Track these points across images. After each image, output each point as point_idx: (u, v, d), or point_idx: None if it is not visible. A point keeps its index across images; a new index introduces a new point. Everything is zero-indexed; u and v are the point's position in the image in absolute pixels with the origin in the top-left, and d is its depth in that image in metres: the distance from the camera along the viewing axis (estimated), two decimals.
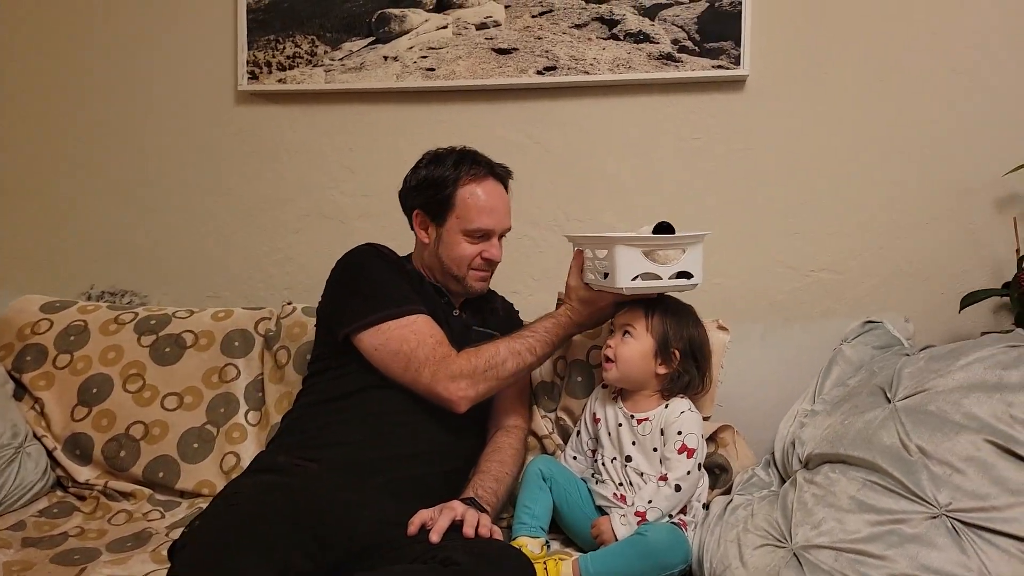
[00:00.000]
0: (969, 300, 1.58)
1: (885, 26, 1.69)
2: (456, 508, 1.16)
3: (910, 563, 0.99)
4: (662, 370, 1.31)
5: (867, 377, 1.30)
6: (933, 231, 1.70)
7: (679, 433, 1.27)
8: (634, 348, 1.32)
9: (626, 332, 1.34)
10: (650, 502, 1.23)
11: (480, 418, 1.45)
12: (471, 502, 1.21)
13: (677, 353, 1.31)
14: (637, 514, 1.22)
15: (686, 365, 1.32)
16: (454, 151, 1.43)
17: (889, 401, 1.18)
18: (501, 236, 1.45)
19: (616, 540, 1.21)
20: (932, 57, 1.68)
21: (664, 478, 1.25)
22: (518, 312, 1.64)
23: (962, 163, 1.68)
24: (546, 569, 1.15)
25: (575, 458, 1.42)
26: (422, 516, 1.15)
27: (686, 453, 1.25)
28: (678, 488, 1.23)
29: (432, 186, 1.40)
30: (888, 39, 1.69)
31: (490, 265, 1.45)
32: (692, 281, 1.30)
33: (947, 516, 1.01)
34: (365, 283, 1.39)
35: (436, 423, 1.32)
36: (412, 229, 1.48)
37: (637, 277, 1.26)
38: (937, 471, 1.05)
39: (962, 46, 1.67)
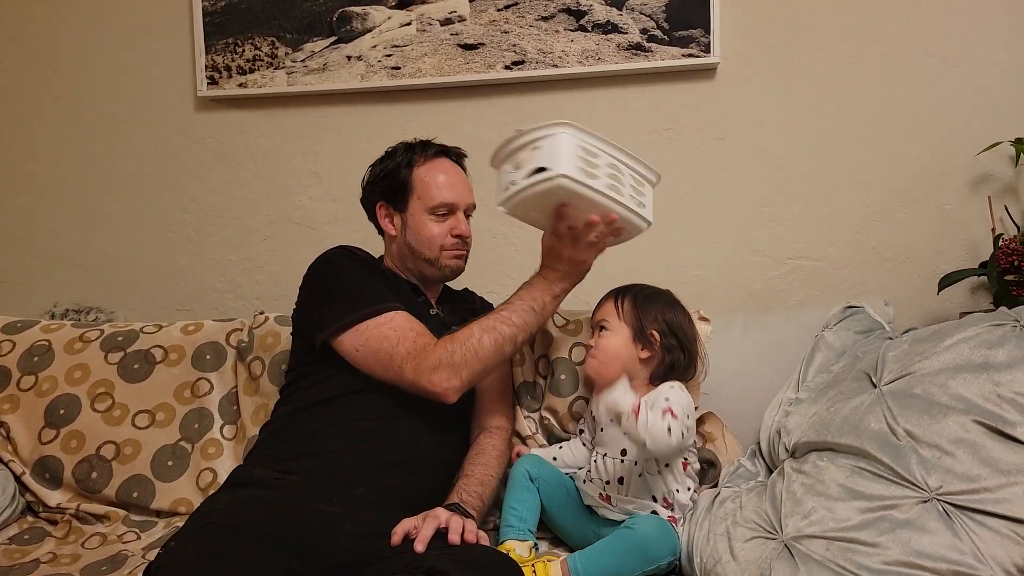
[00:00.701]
0: (947, 281, 1.58)
1: (855, 9, 1.69)
2: (440, 516, 1.13)
3: (903, 549, 0.98)
4: (644, 354, 1.31)
5: (851, 363, 1.29)
6: (908, 214, 1.71)
7: (666, 399, 1.20)
8: (612, 340, 1.31)
9: (602, 328, 1.34)
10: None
11: (464, 421, 1.43)
12: (455, 508, 1.19)
13: (655, 334, 1.31)
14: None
15: (667, 345, 1.31)
16: (406, 143, 1.45)
17: (875, 386, 1.17)
18: (467, 213, 1.44)
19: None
20: (903, 39, 1.68)
21: (636, 410, 1.18)
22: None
23: (935, 144, 1.69)
24: (535, 572, 1.12)
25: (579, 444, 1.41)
26: (405, 525, 1.12)
27: (668, 414, 1.17)
28: (664, 414, 1.16)
29: (388, 176, 1.41)
30: (858, 22, 1.69)
31: (463, 242, 1.42)
32: (549, 174, 1.14)
33: (938, 500, 1.00)
34: (339, 285, 1.36)
35: (420, 428, 1.30)
36: (378, 229, 1.47)
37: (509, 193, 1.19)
38: (926, 454, 1.04)
39: (932, 27, 1.67)
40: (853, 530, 1.02)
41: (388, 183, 1.42)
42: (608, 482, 1.28)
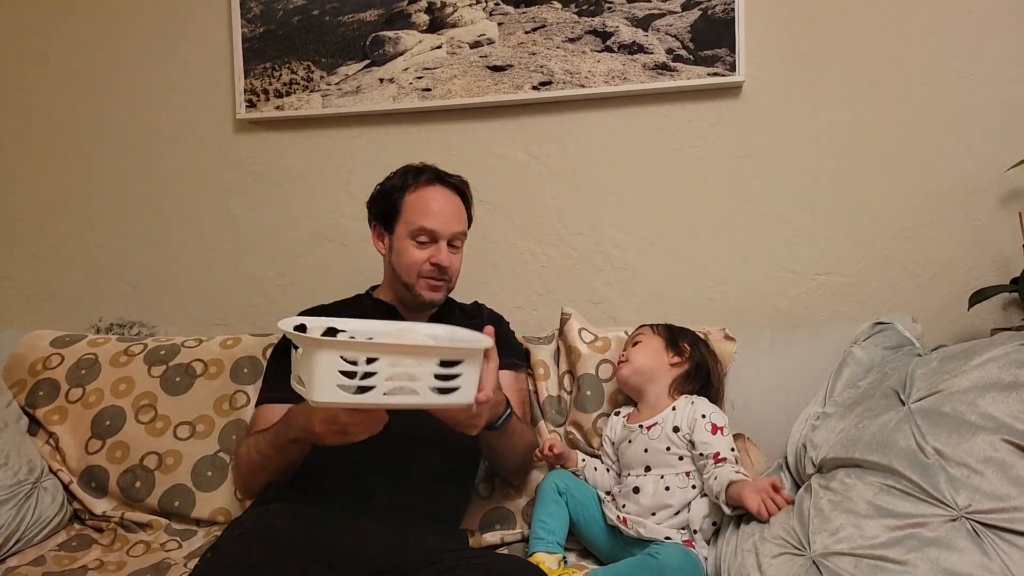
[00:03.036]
0: (977, 298, 1.57)
1: (881, 25, 1.70)
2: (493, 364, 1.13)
3: (931, 567, 0.98)
4: (675, 360, 1.41)
5: (879, 379, 1.29)
6: (938, 230, 1.70)
7: (702, 416, 1.32)
8: (646, 349, 1.43)
9: (636, 343, 1.44)
10: (716, 478, 1.25)
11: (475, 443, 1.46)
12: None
13: (686, 345, 1.43)
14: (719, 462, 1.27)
15: (697, 356, 1.42)
16: (406, 166, 1.49)
17: (903, 403, 1.17)
18: (453, 243, 1.45)
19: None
20: (930, 54, 1.68)
21: (717, 456, 1.27)
22: (508, 324, 1.61)
23: (964, 160, 1.68)
24: None
25: (603, 469, 1.43)
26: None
27: (720, 432, 1.30)
28: (735, 452, 1.30)
29: (383, 197, 1.47)
30: (885, 38, 1.70)
31: (441, 272, 1.42)
32: (304, 392, 1.01)
33: (966, 518, 1.00)
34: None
35: (436, 445, 1.32)
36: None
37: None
38: (955, 473, 1.04)
39: (960, 42, 1.67)
40: (881, 547, 1.02)
41: (382, 205, 1.46)
42: (623, 505, 1.31)
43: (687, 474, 1.30)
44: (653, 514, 1.28)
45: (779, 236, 1.76)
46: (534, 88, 1.80)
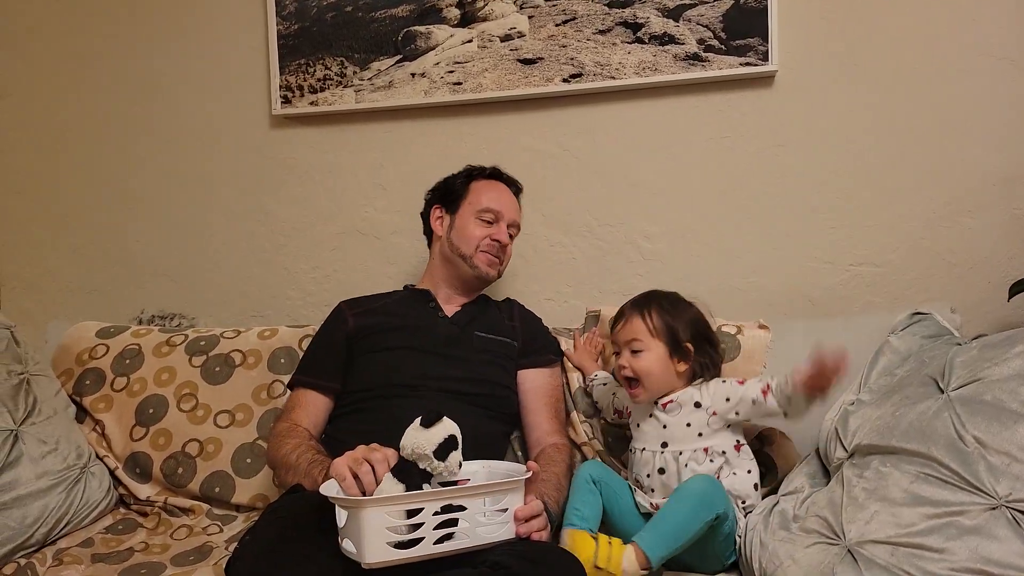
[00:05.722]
0: (1018, 288, 1.54)
1: (915, 12, 1.67)
2: (538, 509, 1.15)
3: (971, 555, 0.97)
4: (682, 367, 1.33)
5: (917, 367, 1.28)
6: (976, 218, 1.67)
7: (723, 382, 1.32)
8: (649, 359, 1.31)
9: (633, 349, 1.33)
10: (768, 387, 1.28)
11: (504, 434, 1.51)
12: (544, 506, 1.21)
13: (689, 345, 1.33)
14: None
15: (701, 351, 1.34)
16: (468, 166, 1.67)
17: (942, 391, 1.16)
18: (511, 228, 1.59)
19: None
20: (967, 40, 1.65)
21: (766, 390, 1.27)
22: (541, 320, 1.65)
23: (1003, 148, 1.65)
24: (609, 543, 1.14)
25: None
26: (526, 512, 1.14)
27: (745, 382, 1.31)
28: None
29: (447, 185, 1.64)
30: (920, 24, 1.67)
31: (499, 249, 1.56)
32: (357, 557, 0.99)
33: (1007, 507, 0.99)
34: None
35: (467, 436, 1.33)
36: (427, 233, 1.65)
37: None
38: (995, 461, 1.03)
39: (997, 28, 1.63)
40: (919, 535, 1.02)
41: (446, 190, 1.64)
42: (649, 475, 1.30)
43: (705, 450, 1.28)
44: None
45: (812, 226, 1.75)
46: (564, 81, 1.80)
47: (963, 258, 1.68)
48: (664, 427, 1.32)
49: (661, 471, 1.30)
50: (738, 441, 1.32)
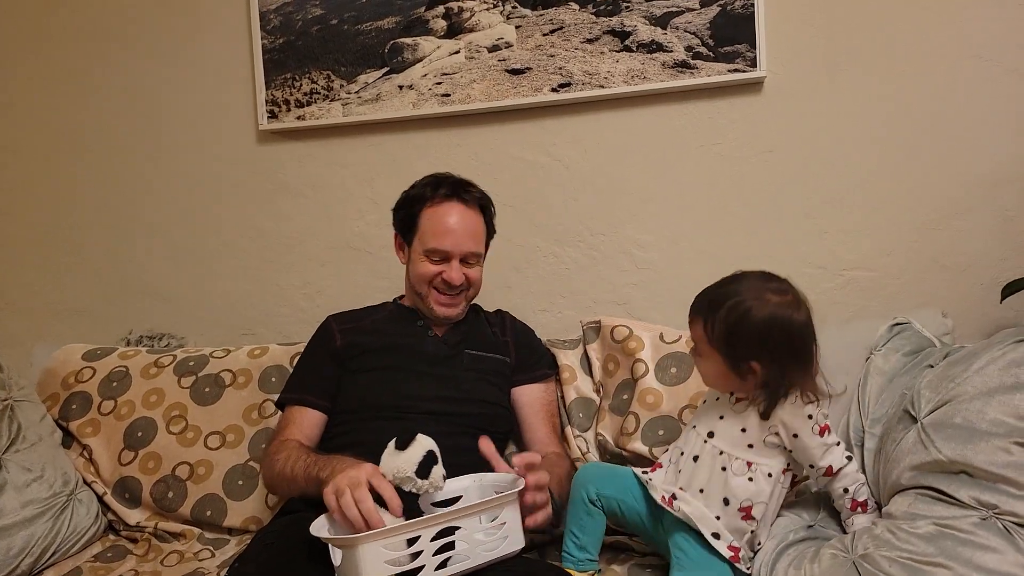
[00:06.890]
0: (1010, 289, 1.54)
1: (903, 16, 1.67)
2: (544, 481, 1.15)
3: (967, 566, 0.98)
4: (745, 386, 1.17)
5: (898, 401, 1.28)
6: (967, 221, 1.67)
7: (809, 417, 1.13)
8: (706, 368, 1.20)
9: (696, 352, 1.21)
10: (846, 491, 1.18)
11: (499, 443, 1.46)
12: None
13: (756, 366, 1.13)
14: (855, 504, 1.18)
15: (773, 373, 1.12)
16: (431, 175, 1.51)
17: (915, 420, 1.18)
18: (467, 260, 1.46)
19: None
20: (954, 43, 1.65)
21: (829, 471, 1.16)
22: (533, 332, 1.63)
23: (992, 150, 1.65)
24: None
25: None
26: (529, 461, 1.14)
27: (827, 432, 1.15)
28: (850, 459, 1.18)
29: (404, 207, 1.51)
30: (908, 28, 1.67)
31: (450, 288, 1.45)
32: None
33: (997, 518, 1.01)
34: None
35: (465, 454, 1.31)
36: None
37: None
38: (978, 479, 1.05)
39: (984, 31, 1.64)
40: (917, 548, 1.02)
41: (403, 215, 1.51)
42: (683, 453, 1.22)
43: (748, 464, 1.16)
44: (701, 491, 1.17)
45: (804, 232, 1.74)
46: (553, 90, 1.79)
47: (955, 261, 1.68)
48: (721, 417, 1.19)
49: (695, 458, 1.19)
50: (788, 465, 1.19)
